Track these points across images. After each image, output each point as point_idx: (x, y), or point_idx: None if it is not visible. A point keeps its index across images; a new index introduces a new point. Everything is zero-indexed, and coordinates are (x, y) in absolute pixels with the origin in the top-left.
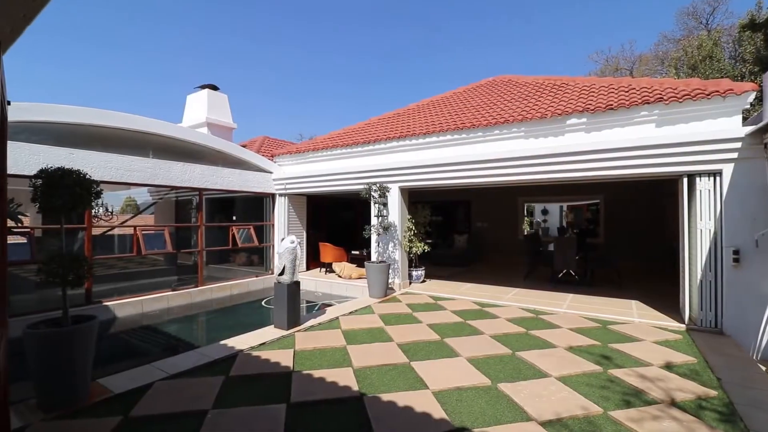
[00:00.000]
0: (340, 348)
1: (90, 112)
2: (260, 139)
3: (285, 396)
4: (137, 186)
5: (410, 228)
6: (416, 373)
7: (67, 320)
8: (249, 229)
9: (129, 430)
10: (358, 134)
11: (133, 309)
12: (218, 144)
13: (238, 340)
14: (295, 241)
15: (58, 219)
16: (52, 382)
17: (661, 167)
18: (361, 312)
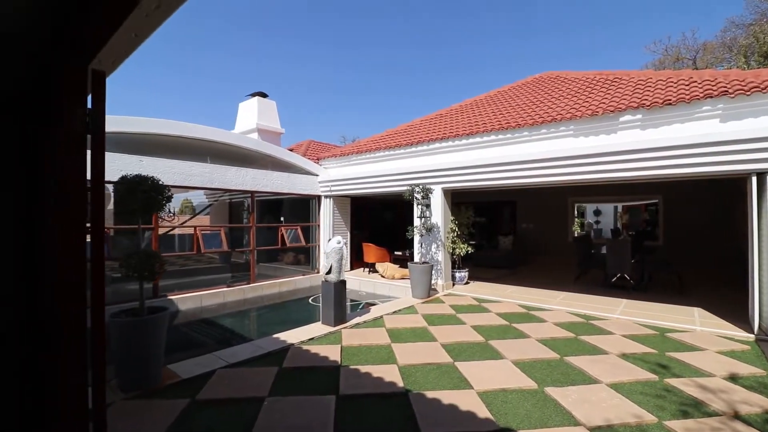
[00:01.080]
0: (385, 346)
1: (157, 123)
2: (306, 143)
3: (334, 388)
4: (196, 189)
5: (453, 229)
6: (460, 373)
7: (143, 311)
8: (296, 229)
9: (196, 412)
10: (400, 136)
11: (193, 303)
12: (268, 149)
13: (289, 335)
14: (342, 241)
15: (130, 220)
16: (131, 366)
17: (727, 165)
18: (405, 312)
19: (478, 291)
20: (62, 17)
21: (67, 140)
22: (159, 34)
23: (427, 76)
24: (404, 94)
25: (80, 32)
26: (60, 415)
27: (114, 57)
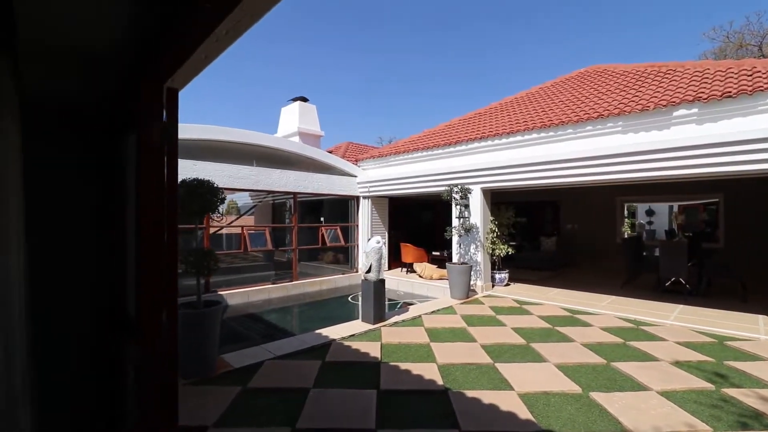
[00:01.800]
0: (424, 344)
1: (208, 129)
2: (344, 145)
3: (375, 383)
4: (244, 191)
5: (493, 230)
6: (500, 374)
7: (200, 304)
8: (336, 229)
9: (248, 399)
10: (438, 136)
11: (240, 299)
12: (309, 151)
13: (330, 331)
14: (381, 241)
15: (187, 220)
16: (190, 354)
17: None
18: (443, 312)
19: (519, 293)
20: (145, 44)
21: (148, 149)
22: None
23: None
24: (442, 95)
25: (159, 57)
26: (143, 394)
27: (185, 76)
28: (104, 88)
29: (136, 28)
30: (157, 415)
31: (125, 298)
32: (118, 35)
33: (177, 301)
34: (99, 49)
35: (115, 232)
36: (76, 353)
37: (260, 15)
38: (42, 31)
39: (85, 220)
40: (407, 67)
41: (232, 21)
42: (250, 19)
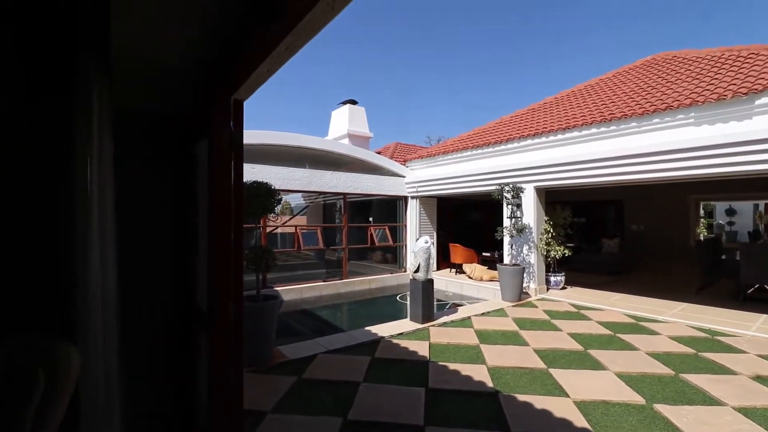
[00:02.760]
0: (473, 346)
1: (264, 134)
2: (393, 146)
3: (423, 381)
4: (297, 192)
5: (547, 230)
6: (555, 380)
7: (259, 298)
8: (384, 229)
9: (302, 388)
10: (488, 134)
11: (294, 295)
12: (358, 153)
13: (379, 328)
14: (429, 241)
15: (247, 220)
16: (250, 345)
17: None
18: (494, 314)
19: (577, 297)
20: (216, 62)
21: (218, 154)
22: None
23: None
24: (493, 91)
25: (228, 72)
26: (211, 380)
27: (249, 88)
28: (180, 102)
29: (209, 49)
30: (226, 398)
31: (196, 292)
32: (194, 56)
33: (243, 294)
34: (177, 69)
35: (187, 230)
36: (157, 342)
37: (315, 33)
38: (132, 52)
39: (163, 220)
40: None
41: (291, 39)
42: (305, 37)
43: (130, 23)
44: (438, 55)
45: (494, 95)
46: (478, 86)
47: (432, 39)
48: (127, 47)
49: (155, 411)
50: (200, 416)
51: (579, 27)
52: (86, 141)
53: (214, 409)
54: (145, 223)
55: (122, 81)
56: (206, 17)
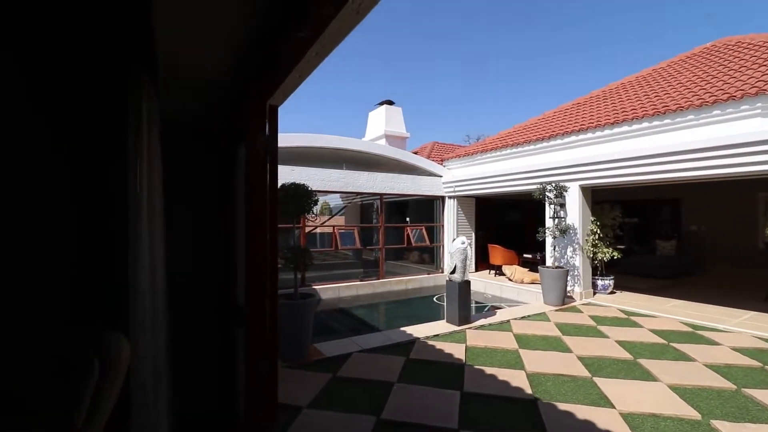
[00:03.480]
0: (512, 350)
1: (302, 137)
2: (430, 145)
3: (458, 384)
4: (333, 193)
5: (594, 231)
6: (599, 389)
7: (297, 296)
8: (421, 229)
9: (337, 385)
10: (530, 131)
11: (332, 294)
12: (395, 153)
13: (415, 329)
14: (466, 242)
15: (285, 220)
16: (287, 341)
17: None
18: (535, 318)
19: (626, 302)
20: (252, 70)
21: (254, 158)
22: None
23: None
24: (533, 85)
25: (262, 79)
26: (248, 371)
27: (283, 94)
28: (221, 109)
29: (245, 59)
30: (261, 388)
31: (236, 288)
32: (232, 66)
33: (277, 290)
34: (217, 79)
35: (228, 229)
36: (200, 335)
37: (342, 37)
38: (178, 65)
39: (208, 220)
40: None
41: (320, 44)
42: (333, 42)
43: (175, 40)
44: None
45: (536, 90)
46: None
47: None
48: (174, 61)
49: (199, 398)
50: (239, 405)
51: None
52: (137, 144)
53: (250, 398)
54: (193, 223)
55: (171, 91)
56: (243, 30)
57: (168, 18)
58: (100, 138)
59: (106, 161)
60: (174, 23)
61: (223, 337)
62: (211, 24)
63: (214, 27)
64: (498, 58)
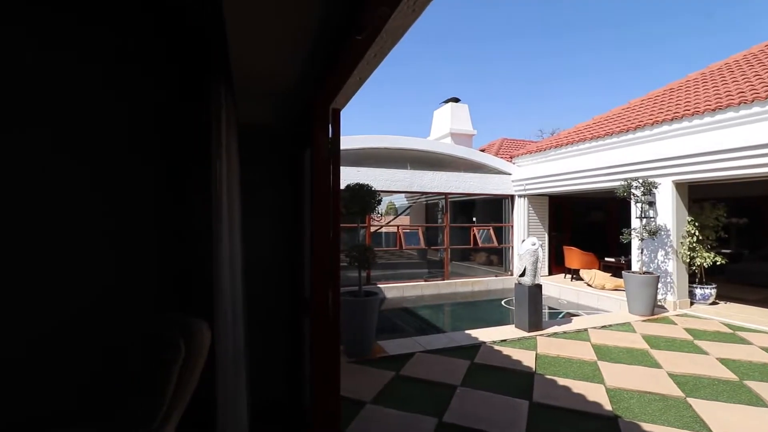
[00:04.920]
0: (589, 362)
1: (367, 139)
2: (498, 142)
3: (527, 393)
4: (398, 193)
5: (691, 233)
6: (695, 412)
7: (361, 293)
8: (488, 229)
9: (400, 384)
10: (612, 123)
11: (396, 293)
12: (460, 152)
13: (481, 333)
14: (537, 243)
15: (350, 220)
16: (351, 337)
17: None
18: (617, 328)
19: (731, 315)
20: (316, 77)
21: (318, 160)
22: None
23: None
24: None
25: (325, 84)
26: (312, 360)
27: (345, 97)
28: (289, 113)
29: (311, 66)
30: (324, 376)
31: (303, 282)
32: (298, 72)
33: (339, 284)
34: (285, 84)
35: (296, 227)
36: (271, 325)
37: (399, 36)
38: (251, 76)
39: (280, 218)
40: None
41: (377, 45)
42: (391, 42)
43: (247, 51)
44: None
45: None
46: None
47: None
48: (246, 71)
49: (270, 386)
50: (305, 392)
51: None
52: (217, 147)
53: (315, 388)
54: (265, 221)
55: (244, 98)
56: (307, 38)
57: (240, 30)
58: (187, 143)
59: (192, 164)
60: (246, 35)
61: (293, 330)
62: (278, 34)
63: (281, 37)
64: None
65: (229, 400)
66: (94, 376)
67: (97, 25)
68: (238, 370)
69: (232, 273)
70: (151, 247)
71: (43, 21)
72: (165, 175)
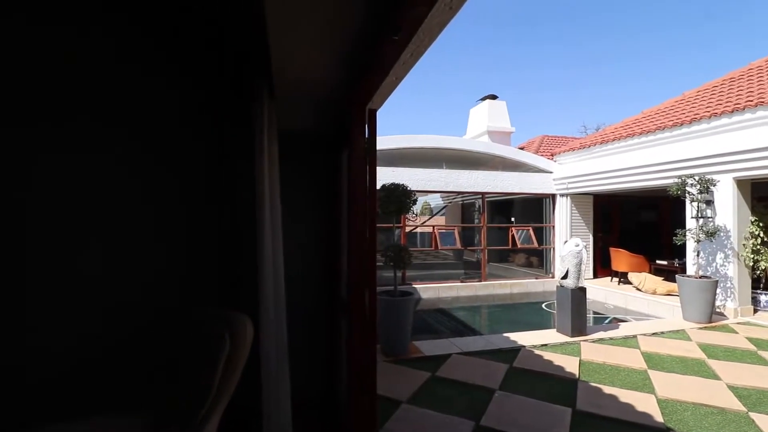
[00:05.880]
0: (639, 370)
1: (402, 139)
2: (538, 139)
3: (569, 401)
4: (433, 192)
5: (755, 234)
6: (758, 427)
7: (396, 293)
8: (528, 230)
9: (436, 385)
10: (664, 116)
11: (431, 293)
12: (497, 150)
13: (520, 336)
14: (580, 244)
15: (386, 219)
16: (388, 336)
17: None
18: (670, 336)
19: None
20: (352, 78)
21: (355, 160)
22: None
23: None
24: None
25: (361, 85)
26: (349, 357)
27: (381, 97)
28: (326, 114)
29: (349, 69)
30: (360, 374)
31: (340, 281)
32: (336, 75)
33: (376, 283)
34: (323, 91)
35: (334, 226)
36: (310, 323)
37: (435, 36)
38: (289, 77)
39: (318, 218)
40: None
41: (414, 44)
42: (428, 41)
43: (288, 56)
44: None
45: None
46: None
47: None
48: (287, 76)
49: (308, 383)
50: (341, 390)
51: None
52: (259, 151)
53: (352, 386)
54: (304, 221)
55: (285, 105)
56: (346, 40)
57: (281, 35)
58: (232, 148)
59: (236, 168)
60: (286, 39)
61: (330, 329)
62: (318, 37)
63: (321, 40)
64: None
65: (272, 395)
66: (143, 367)
67: (159, 39)
68: (281, 365)
69: (274, 271)
70: (196, 245)
71: (121, 32)
72: (211, 177)
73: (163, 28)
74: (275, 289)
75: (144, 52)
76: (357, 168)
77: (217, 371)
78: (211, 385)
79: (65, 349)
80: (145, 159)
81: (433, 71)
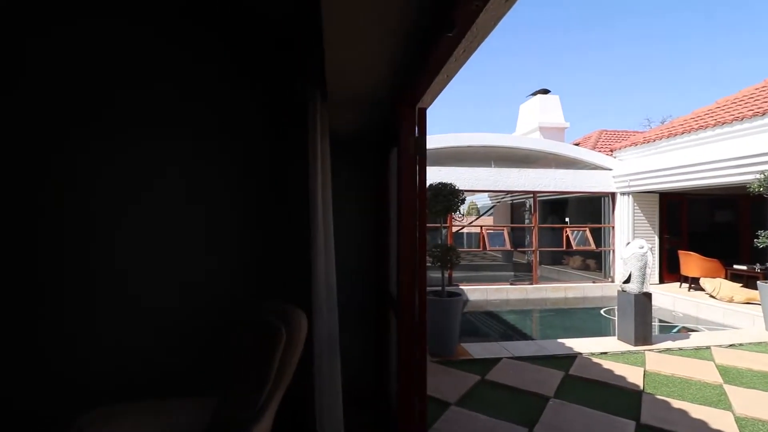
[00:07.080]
0: (713, 384)
1: (449, 138)
2: (595, 134)
3: (633, 413)
4: (481, 192)
5: None
6: None
7: (444, 293)
8: (584, 231)
9: (485, 389)
10: (742, 105)
11: (480, 295)
12: (549, 146)
13: (576, 343)
14: (645, 246)
15: (433, 219)
16: (436, 336)
17: None
18: (751, 348)
19: None
20: (402, 77)
21: (405, 158)
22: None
23: None
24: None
25: (411, 84)
26: (399, 355)
27: (431, 96)
28: (377, 115)
29: (399, 67)
30: (410, 373)
31: (390, 279)
32: (387, 77)
33: (426, 283)
34: (374, 88)
35: (384, 224)
36: (360, 320)
37: (489, 31)
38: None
39: (369, 216)
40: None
41: (467, 41)
42: (481, 37)
43: (341, 64)
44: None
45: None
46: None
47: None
48: (339, 81)
49: (360, 376)
50: (391, 387)
51: None
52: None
53: (402, 383)
54: (354, 220)
55: (336, 107)
56: (398, 41)
57: (335, 42)
58: (287, 150)
59: (291, 169)
60: (340, 47)
61: (380, 324)
62: (371, 41)
63: (374, 44)
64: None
65: (325, 387)
66: (204, 353)
67: (230, 45)
68: (333, 358)
69: (326, 267)
70: (255, 241)
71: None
72: (268, 179)
73: (233, 34)
74: (327, 284)
75: (216, 57)
76: (407, 167)
77: (273, 363)
78: (268, 376)
79: (141, 341)
80: (222, 159)
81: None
